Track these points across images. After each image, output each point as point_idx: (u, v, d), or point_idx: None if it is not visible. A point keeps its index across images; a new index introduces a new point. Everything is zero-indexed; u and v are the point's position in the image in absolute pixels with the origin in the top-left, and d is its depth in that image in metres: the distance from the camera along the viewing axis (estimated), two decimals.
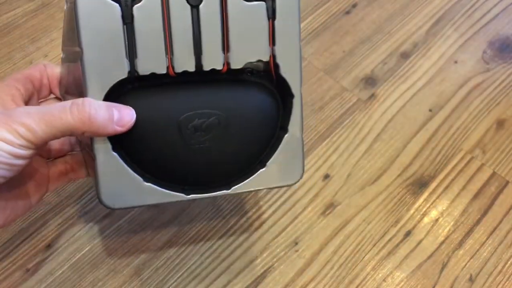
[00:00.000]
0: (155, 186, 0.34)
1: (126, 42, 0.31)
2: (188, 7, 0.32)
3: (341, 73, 0.61)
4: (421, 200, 0.52)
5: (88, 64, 0.31)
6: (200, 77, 0.34)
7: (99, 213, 0.50)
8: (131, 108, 0.31)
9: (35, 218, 0.49)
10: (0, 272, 0.46)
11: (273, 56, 0.34)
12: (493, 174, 0.54)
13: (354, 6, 0.67)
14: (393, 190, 0.53)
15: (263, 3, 0.33)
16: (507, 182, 0.54)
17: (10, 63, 0.59)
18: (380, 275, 0.48)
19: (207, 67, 0.33)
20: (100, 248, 0.48)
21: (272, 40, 0.34)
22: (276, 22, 0.33)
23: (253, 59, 0.34)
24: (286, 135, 0.35)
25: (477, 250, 0.50)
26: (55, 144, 0.37)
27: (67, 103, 0.29)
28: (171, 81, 0.33)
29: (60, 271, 0.47)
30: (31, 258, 0.47)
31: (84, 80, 0.31)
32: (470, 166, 0.55)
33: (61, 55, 0.39)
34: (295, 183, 0.37)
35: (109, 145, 0.32)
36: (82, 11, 0.30)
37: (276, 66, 0.34)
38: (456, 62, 0.62)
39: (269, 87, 0.35)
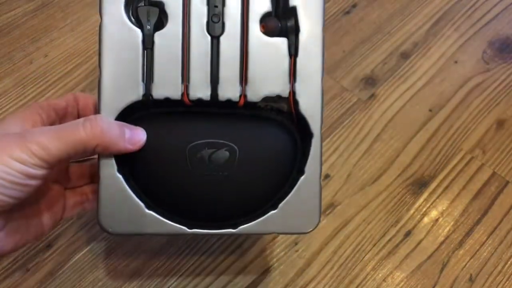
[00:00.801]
0: (157, 215, 0.32)
1: (145, 67, 0.32)
2: (209, 37, 0.32)
3: (341, 73, 0.61)
4: (421, 200, 0.52)
5: (105, 83, 0.31)
6: (216, 109, 0.33)
7: None
8: (142, 128, 0.32)
9: None
10: (0, 272, 0.46)
11: (293, 92, 0.33)
12: (493, 174, 0.54)
13: (354, 6, 0.67)
14: (393, 190, 0.53)
15: (285, 39, 0.33)
16: (507, 182, 0.54)
17: (10, 63, 0.59)
18: (380, 275, 0.48)
19: (222, 97, 0.32)
20: (100, 248, 0.48)
21: (293, 77, 0.33)
22: (298, 59, 0.33)
23: (271, 94, 0.33)
24: (302, 177, 0.33)
25: (477, 250, 0.50)
26: (75, 173, 0.37)
27: (80, 119, 0.30)
28: (186, 110, 0.33)
29: (60, 271, 0.47)
30: (31, 258, 0.47)
31: (99, 98, 0.32)
32: (470, 166, 0.55)
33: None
34: (309, 232, 0.34)
35: (114, 166, 0.32)
36: (106, 34, 0.31)
37: (296, 103, 0.33)
38: (456, 62, 0.62)
39: (288, 125, 0.34)
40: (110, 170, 0.32)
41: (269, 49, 0.33)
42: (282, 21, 0.33)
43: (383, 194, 0.52)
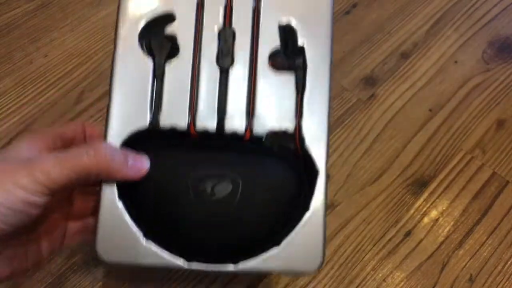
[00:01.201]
0: (155, 247, 0.31)
1: (154, 95, 0.32)
2: (218, 69, 0.33)
3: (341, 73, 0.61)
4: (421, 200, 0.52)
5: (113, 110, 0.32)
6: (222, 142, 0.33)
7: None
8: (145, 156, 0.32)
9: None
10: None
11: (299, 128, 0.33)
12: (493, 174, 0.54)
13: (354, 6, 0.67)
14: (393, 190, 0.53)
15: (293, 75, 0.33)
16: (507, 182, 0.54)
17: (10, 63, 0.59)
18: (380, 275, 0.48)
19: (229, 129, 0.33)
20: None
21: (300, 113, 0.33)
22: (305, 95, 0.33)
23: (277, 128, 0.33)
24: (307, 214, 0.32)
25: (477, 250, 0.50)
26: (79, 204, 0.36)
27: (85, 146, 0.30)
28: (191, 141, 0.33)
29: (60, 271, 0.47)
30: None
31: (107, 125, 0.32)
32: (470, 166, 0.55)
33: None
34: (312, 272, 0.32)
35: (115, 193, 0.31)
36: (119, 62, 0.32)
37: (302, 139, 0.33)
38: (456, 62, 0.62)
39: (293, 160, 0.33)
40: (111, 197, 0.31)
41: (276, 84, 0.33)
42: (290, 59, 0.34)
43: (383, 194, 0.52)
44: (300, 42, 0.34)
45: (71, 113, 0.56)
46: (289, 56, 0.34)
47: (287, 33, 0.34)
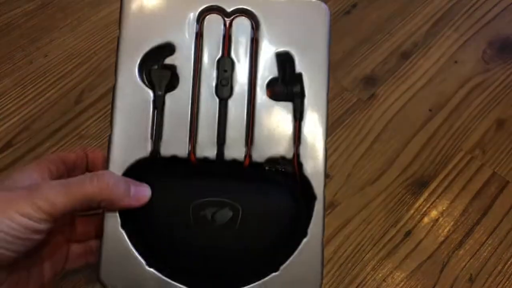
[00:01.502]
0: (158, 273, 0.32)
1: (154, 125, 0.33)
2: (217, 99, 0.34)
3: (341, 73, 0.61)
4: (421, 200, 0.52)
5: (115, 140, 0.33)
6: (222, 169, 0.34)
7: None
8: (147, 185, 0.32)
9: None
10: None
11: (297, 155, 0.34)
12: (493, 174, 0.54)
13: (354, 6, 0.67)
14: (393, 190, 0.53)
15: (290, 103, 0.34)
16: (507, 182, 0.54)
17: (10, 63, 0.59)
18: (380, 275, 0.48)
19: (228, 156, 0.33)
20: None
21: (298, 140, 0.34)
22: (302, 123, 0.34)
23: (276, 155, 0.34)
24: (305, 239, 0.33)
25: (477, 250, 0.50)
26: (81, 227, 0.36)
27: (87, 174, 0.30)
28: (191, 168, 0.33)
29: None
30: None
31: (108, 154, 0.33)
32: (470, 166, 0.55)
33: None
34: None
35: (118, 221, 0.32)
36: (119, 94, 0.33)
37: (300, 165, 0.34)
38: (456, 62, 0.62)
39: (291, 186, 0.34)
40: (114, 225, 0.32)
41: (274, 113, 0.34)
42: (288, 87, 0.34)
43: (383, 194, 0.53)
44: (298, 69, 0.34)
45: (71, 113, 0.56)
46: (287, 84, 0.34)
47: (284, 60, 0.34)
